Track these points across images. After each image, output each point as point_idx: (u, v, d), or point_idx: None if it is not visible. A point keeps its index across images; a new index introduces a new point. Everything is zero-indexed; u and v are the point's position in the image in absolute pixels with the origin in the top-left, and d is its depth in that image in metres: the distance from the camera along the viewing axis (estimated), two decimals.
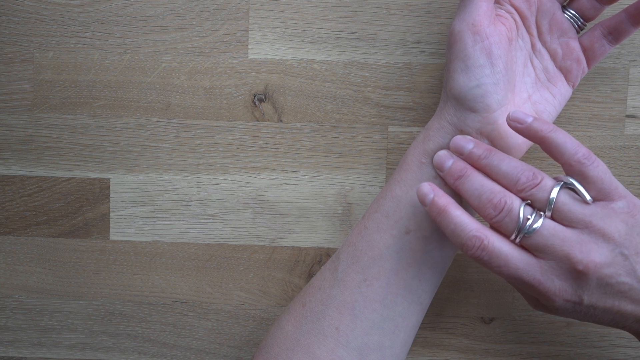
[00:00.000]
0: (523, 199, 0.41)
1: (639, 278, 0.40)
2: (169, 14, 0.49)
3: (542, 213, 0.40)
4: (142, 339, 0.52)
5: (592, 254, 0.39)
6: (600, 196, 0.40)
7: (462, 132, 0.43)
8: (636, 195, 0.49)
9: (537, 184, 0.40)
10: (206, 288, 0.51)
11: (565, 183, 0.40)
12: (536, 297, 0.41)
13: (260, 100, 0.50)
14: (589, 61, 0.46)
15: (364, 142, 0.50)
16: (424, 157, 0.44)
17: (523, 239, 0.40)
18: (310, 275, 0.51)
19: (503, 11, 0.44)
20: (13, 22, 0.49)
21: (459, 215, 0.41)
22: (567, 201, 0.40)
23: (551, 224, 0.40)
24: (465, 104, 0.43)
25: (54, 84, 0.50)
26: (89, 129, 0.50)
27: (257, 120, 0.50)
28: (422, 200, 0.42)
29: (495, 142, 0.43)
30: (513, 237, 0.40)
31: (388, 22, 0.49)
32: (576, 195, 0.40)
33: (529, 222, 0.40)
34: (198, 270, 0.51)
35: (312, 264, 0.51)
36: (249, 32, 0.49)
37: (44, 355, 0.52)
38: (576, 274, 0.39)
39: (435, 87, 0.49)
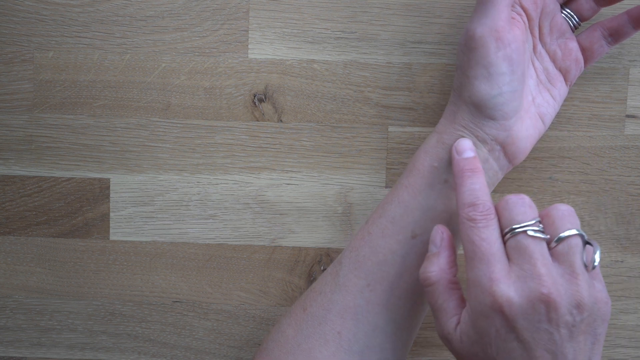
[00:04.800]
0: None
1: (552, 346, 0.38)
2: (169, 14, 0.49)
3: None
4: (142, 339, 0.52)
5: (560, 290, 0.38)
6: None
7: (477, 137, 0.43)
8: (637, 195, 0.49)
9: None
10: (206, 288, 0.51)
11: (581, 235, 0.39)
12: (477, 288, 0.40)
13: (260, 100, 0.50)
14: (586, 61, 0.46)
15: (364, 142, 0.50)
16: (436, 161, 0.44)
17: (511, 237, 0.39)
18: (310, 275, 0.51)
19: (515, 13, 0.44)
20: (13, 22, 0.49)
21: (484, 183, 0.41)
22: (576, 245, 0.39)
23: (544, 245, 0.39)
24: (484, 112, 0.42)
25: (54, 84, 0.50)
26: (89, 129, 0.50)
27: (257, 120, 0.50)
28: (459, 151, 0.42)
29: (507, 147, 0.43)
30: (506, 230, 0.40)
31: (388, 22, 0.49)
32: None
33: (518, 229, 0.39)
34: (198, 270, 0.51)
35: (312, 264, 0.51)
36: (249, 32, 0.49)
37: (44, 355, 0.52)
38: (541, 296, 0.37)
39: (435, 87, 0.49)
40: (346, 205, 0.50)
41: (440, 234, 0.42)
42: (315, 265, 0.51)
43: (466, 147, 0.42)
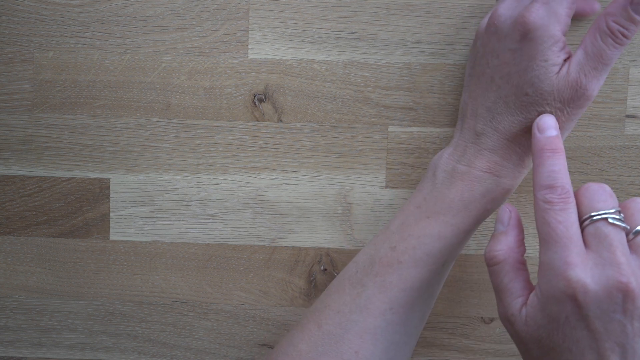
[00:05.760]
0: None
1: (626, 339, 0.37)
2: (169, 14, 0.49)
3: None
4: (142, 339, 0.52)
5: (639, 280, 0.36)
6: None
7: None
8: (637, 195, 0.49)
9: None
10: (206, 288, 0.51)
11: None
12: (550, 271, 0.39)
13: (260, 100, 0.50)
14: None
15: (364, 142, 0.50)
16: (491, 203, 0.43)
17: (590, 224, 0.38)
18: (310, 275, 0.51)
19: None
20: (13, 22, 0.49)
21: (565, 164, 0.40)
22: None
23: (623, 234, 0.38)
24: None
25: (54, 84, 0.50)
26: (89, 129, 0.50)
27: (257, 120, 0.50)
28: (541, 128, 0.41)
29: None
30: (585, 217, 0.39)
31: (388, 22, 0.49)
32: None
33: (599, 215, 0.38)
34: (198, 270, 0.51)
35: (312, 264, 0.51)
36: (249, 32, 0.49)
37: (44, 355, 0.52)
38: (619, 285, 0.36)
39: (435, 87, 0.49)
40: (346, 205, 0.50)
41: (508, 212, 0.41)
42: (315, 265, 0.51)
43: (550, 125, 0.41)
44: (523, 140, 0.43)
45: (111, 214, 0.51)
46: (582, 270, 0.37)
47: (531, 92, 0.42)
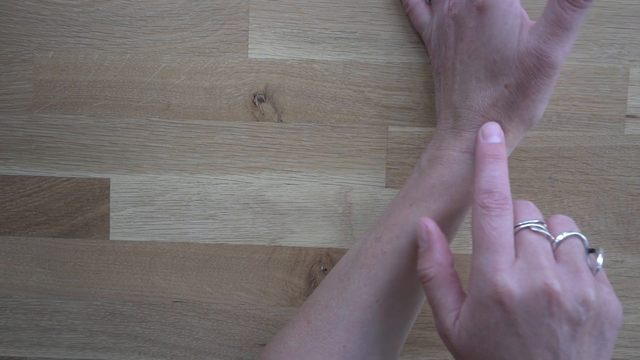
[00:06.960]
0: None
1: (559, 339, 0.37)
2: (169, 14, 0.49)
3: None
4: (142, 339, 0.52)
5: (565, 285, 0.37)
6: None
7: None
8: (637, 195, 0.49)
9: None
10: (206, 288, 0.51)
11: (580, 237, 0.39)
12: (480, 277, 0.39)
13: (260, 100, 0.50)
14: None
15: (364, 142, 0.50)
16: (472, 186, 0.43)
17: (516, 233, 0.39)
18: (310, 275, 0.51)
19: None
20: (13, 22, 0.49)
21: (506, 172, 0.40)
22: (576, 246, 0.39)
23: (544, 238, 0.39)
24: (531, 127, 0.43)
25: (54, 84, 0.50)
26: (89, 129, 0.50)
27: (257, 120, 0.50)
28: (485, 135, 0.41)
29: None
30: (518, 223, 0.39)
31: (388, 22, 0.49)
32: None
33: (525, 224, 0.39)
34: (198, 270, 0.51)
35: (312, 264, 0.51)
36: (249, 32, 0.49)
37: (44, 355, 0.52)
38: (544, 287, 0.36)
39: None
40: (346, 205, 0.50)
41: (424, 227, 0.41)
42: (315, 265, 0.51)
43: (493, 132, 0.41)
44: (497, 116, 0.43)
45: (111, 214, 0.51)
46: (509, 275, 0.37)
47: (498, 58, 0.42)
